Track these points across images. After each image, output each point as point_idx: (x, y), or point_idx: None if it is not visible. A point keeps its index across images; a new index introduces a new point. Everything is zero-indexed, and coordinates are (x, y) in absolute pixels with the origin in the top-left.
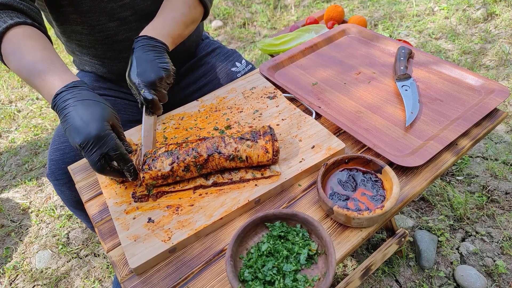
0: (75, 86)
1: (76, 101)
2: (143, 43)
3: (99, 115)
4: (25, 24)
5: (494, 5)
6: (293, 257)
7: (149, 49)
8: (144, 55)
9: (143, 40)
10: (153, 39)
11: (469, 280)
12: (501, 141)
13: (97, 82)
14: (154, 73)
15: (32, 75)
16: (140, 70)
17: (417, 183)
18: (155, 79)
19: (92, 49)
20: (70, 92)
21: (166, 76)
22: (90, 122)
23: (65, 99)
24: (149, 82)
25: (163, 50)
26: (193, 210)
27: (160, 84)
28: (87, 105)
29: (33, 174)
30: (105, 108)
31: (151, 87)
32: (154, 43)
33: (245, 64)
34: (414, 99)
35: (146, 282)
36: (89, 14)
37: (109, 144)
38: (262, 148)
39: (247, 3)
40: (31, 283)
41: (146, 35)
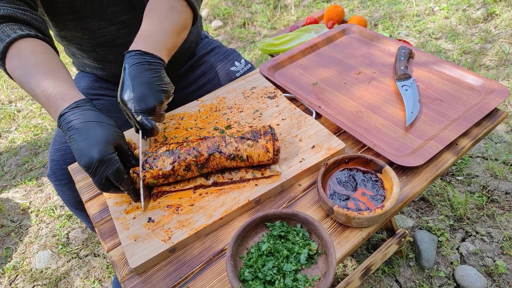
0: (77, 106)
1: (79, 123)
2: (137, 60)
3: (101, 139)
4: (29, 37)
5: (494, 5)
6: (293, 257)
7: (145, 68)
8: (140, 75)
9: (136, 56)
10: (149, 54)
11: (469, 280)
12: (501, 141)
13: (97, 83)
14: (154, 98)
15: (37, 95)
16: (137, 94)
17: (417, 183)
18: (155, 105)
19: (92, 53)
20: (73, 113)
21: (165, 98)
22: (93, 146)
23: (68, 121)
24: (148, 109)
25: (160, 67)
26: (193, 210)
27: (159, 108)
28: (90, 127)
29: (33, 174)
30: (108, 129)
31: (150, 114)
32: (150, 60)
33: (244, 63)
34: (414, 99)
35: (146, 282)
36: (89, 20)
37: (111, 168)
38: (263, 148)
39: (247, 3)
40: (31, 283)
41: (139, 50)
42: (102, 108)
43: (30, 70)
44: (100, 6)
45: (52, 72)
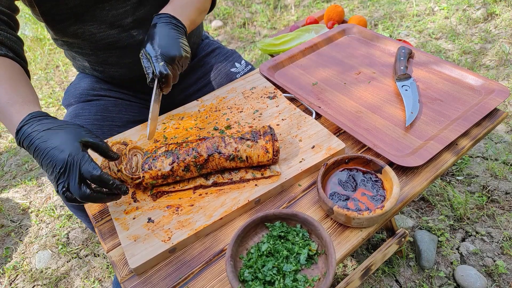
0: (32, 117)
1: (38, 133)
2: (165, 20)
3: (65, 140)
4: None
5: (494, 5)
6: (293, 257)
7: (172, 27)
8: (167, 31)
9: (166, 17)
10: (176, 18)
11: (469, 280)
12: (501, 141)
13: (97, 84)
14: (177, 49)
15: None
16: (162, 43)
17: (417, 183)
18: (176, 55)
19: (93, 56)
20: (29, 125)
21: (185, 57)
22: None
23: (27, 134)
24: (169, 56)
25: (184, 32)
26: (193, 210)
27: (178, 62)
28: (51, 134)
29: (33, 174)
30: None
31: (169, 62)
32: (176, 23)
33: (245, 64)
34: (414, 99)
35: (146, 282)
36: (90, 23)
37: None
38: (262, 148)
39: (247, 3)
40: (31, 283)
41: (168, 14)
42: (103, 109)
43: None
44: (102, 10)
45: (12, 88)
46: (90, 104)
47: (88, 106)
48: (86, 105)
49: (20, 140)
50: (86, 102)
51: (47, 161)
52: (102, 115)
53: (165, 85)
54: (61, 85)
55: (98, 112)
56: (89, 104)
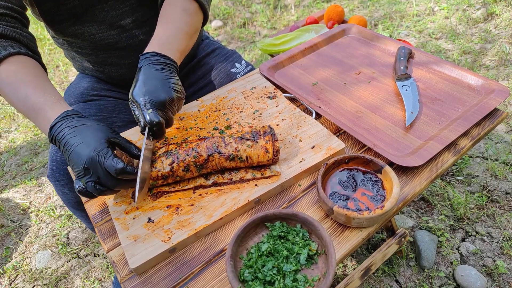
0: (67, 115)
1: (71, 129)
2: (152, 60)
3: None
4: (19, 54)
5: (494, 5)
6: (293, 257)
7: (159, 67)
8: (153, 73)
9: (151, 57)
10: (163, 56)
11: (469, 280)
12: (501, 141)
13: (97, 84)
14: (165, 93)
15: (27, 109)
16: (149, 88)
17: (417, 183)
18: (166, 99)
19: (93, 56)
20: (64, 122)
21: (177, 99)
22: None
23: (61, 130)
24: (158, 102)
25: (174, 69)
26: (193, 210)
27: (169, 106)
28: (82, 130)
29: (33, 174)
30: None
31: (159, 108)
32: (164, 61)
33: (245, 65)
34: (414, 99)
35: (146, 282)
36: (90, 24)
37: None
38: (262, 148)
39: (247, 3)
40: (31, 283)
41: (154, 52)
42: (103, 109)
43: (19, 85)
44: (101, 10)
45: (41, 87)
46: (90, 104)
47: (88, 106)
48: (86, 105)
49: (53, 135)
50: (86, 102)
51: (74, 155)
52: (102, 115)
53: (159, 133)
54: (61, 85)
55: (98, 112)
56: (89, 104)
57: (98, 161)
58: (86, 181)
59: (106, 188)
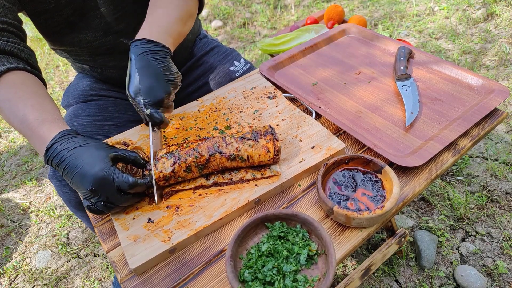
0: (63, 136)
1: (69, 151)
2: (142, 49)
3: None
4: (17, 70)
5: (494, 5)
6: (293, 257)
7: (152, 57)
8: (147, 66)
9: (142, 45)
10: (154, 42)
11: (469, 280)
12: (501, 141)
13: (96, 84)
14: (162, 89)
15: (24, 128)
16: (145, 87)
17: (417, 183)
18: (163, 97)
19: (91, 62)
20: (59, 143)
21: (173, 89)
22: (92, 165)
23: (57, 152)
24: (156, 101)
25: (166, 55)
26: (193, 210)
27: (168, 99)
28: (82, 151)
29: (33, 174)
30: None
31: (158, 106)
32: (156, 48)
33: (244, 63)
34: (414, 99)
35: (146, 282)
36: (85, 31)
37: (117, 180)
38: (263, 148)
39: (247, 3)
40: (31, 283)
41: (144, 39)
42: (102, 109)
43: (16, 103)
44: (94, 17)
45: (39, 104)
46: (89, 104)
47: (88, 106)
48: (86, 105)
49: (49, 158)
50: (86, 103)
51: (78, 178)
52: (102, 115)
53: (162, 126)
54: (61, 85)
55: (98, 112)
56: (88, 105)
57: (108, 180)
58: (95, 201)
59: (115, 205)
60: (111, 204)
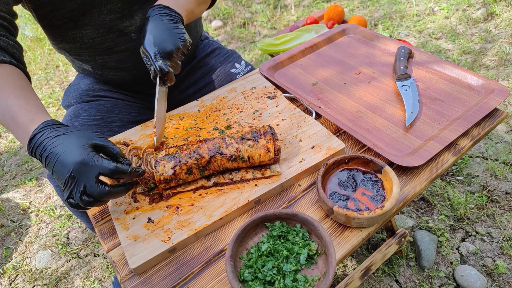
0: (46, 126)
1: (51, 140)
2: (158, 11)
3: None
4: (3, 63)
5: (494, 5)
6: (293, 257)
7: (166, 18)
8: (160, 23)
9: (158, 9)
10: (169, 8)
11: (469, 280)
12: (501, 141)
13: (97, 84)
14: (172, 43)
15: (6, 120)
16: (157, 39)
17: (417, 183)
18: (173, 49)
19: (91, 62)
20: (42, 133)
21: (182, 46)
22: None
23: (41, 141)
24: (166, 52)
25: (179, 20)
26: (193, 210)
27: (176, 54)
28: (63, 139)
29: (33, 174)
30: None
31: (167, 58)
32: (170, 13)
33: (245, 65)
34: (414, 99)
35: (146, 282)
36: (88, 27)
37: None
38: (264, 148)
39: (247, 3)
40: (31, 283)
41: (161, 4)
42: (102, 109)
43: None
44: (99, 14)
45: (23, 97)
46: (89, 105)
47: (88, 106)
48: (86, 105)
49: (32, 148)
50: (86, 103)
51: (59, 165)
52: (102, 115)
53: (169, 80)
54: (61, 85)
55: (98, 113)
56: (88, 105)
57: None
58: (74, 191)
59: (93, 198)
60: (88, 196)
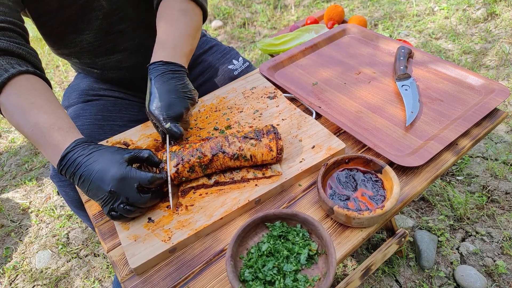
0: (77, 144)
1: (84, 158)
2: (161, 70)
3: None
4: (27, 73)
5: (494, 5)
6: (293, 257)
7: (170, 77)
8: (166, 84)
9: (160, 66)
10: (171, 63)
11: (469, 280)
12: (501, 141)
13: (96, 84)
14: (181, 105)
15: (36, 135)
16: (164, 103)
17: (417, 183)
18: (182, 112)
19: (92, 64)
20: (74, 151)
21: (191, 105)
22: (109, 168)
23: (73, 160)
24: (176, 115)
25: (183, 74)
26: (193, 210)
27: (186, 115)
28: (97, 156)
29: (33, 174)
30: (113, 150)
31: (177, 121)
32: (173, 68)
33: (242, 61)
34: (414, 99)
35: (146, 282)
36: (87, 32)
37: (135, 177)
38: (266, 147)
39: (247, 3)
40: (31, 283)
41: (161, 61)
42: (102, 109)
43: (29, 109)
44: (96, 18)
45: (53, 113)
46: (89, 105)
47: (88, 106)
48: (86, 105)
49: (63, 167)
50: (86, 103)
51: (96, 182)
52: (103, 115)
53: (180, 140)
54: (61, 85)
55: (98, 112)
56: (88, 105)
57: (127, 180)
58: (116, 204)
59: (135, 207)
60: (131, 206)
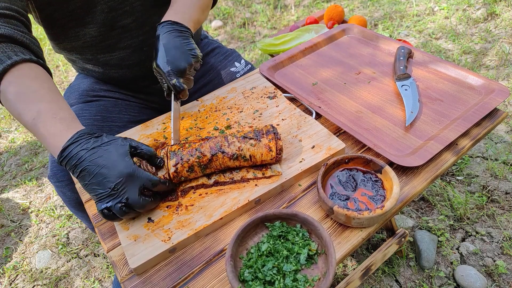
0: (80, 136)
1: (88, 152)
2: (168, 28)
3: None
4: (30, 62)
5: (494, 5)
6: (293, 257)
7: (176, 34)
8: (171, 41)
9: (168, 25)
10: (178, 24)
11: (469, 280)
12: (501, 141)
13: (97, 84)
14: (185, 60)
15: (36, 125)
16: (170, 57)
17: (417, 183)
18: (186, 67)
19: (94, 60)
20: (77, 144)
21: (195, 62)
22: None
23: (75, 152)
24: (179, 70)
25: (189, 35)
26: (193, 210)
27: (189, 71)
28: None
29: (33, 174)
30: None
31: (180, 75)
32: (180, 28)
33: (244, 64)
34: (414, 99)
35: (146, 282)
36: (91, 25)
37: (142, 177)
38: (266, 147)
39: (247, 3)
40: (31, 283)
41: (170, 20)
42: (102, 109)
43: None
44: (101, 12)
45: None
46: (89, 105)
47: (88, 107)
48: (86, 106)
49: (64, 159)
50: (86, 103)
51: (100, 177)
52: (102, 115)
53: (183, 96)
54: (61, 85)
55: (98, 113)
56: (88, 105)
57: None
58: (113, 202)
59: (132, 209)
60: (128, 208)
